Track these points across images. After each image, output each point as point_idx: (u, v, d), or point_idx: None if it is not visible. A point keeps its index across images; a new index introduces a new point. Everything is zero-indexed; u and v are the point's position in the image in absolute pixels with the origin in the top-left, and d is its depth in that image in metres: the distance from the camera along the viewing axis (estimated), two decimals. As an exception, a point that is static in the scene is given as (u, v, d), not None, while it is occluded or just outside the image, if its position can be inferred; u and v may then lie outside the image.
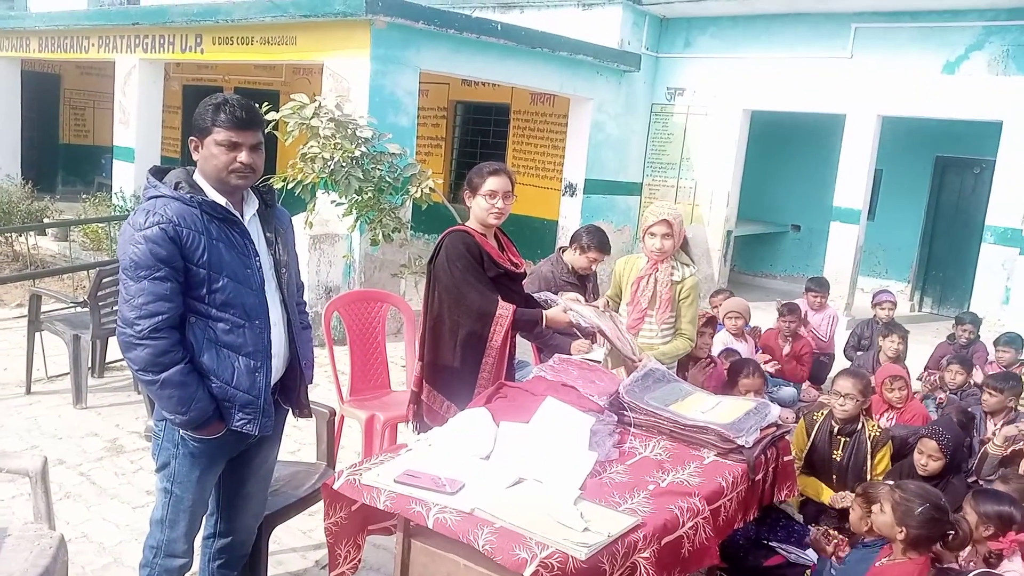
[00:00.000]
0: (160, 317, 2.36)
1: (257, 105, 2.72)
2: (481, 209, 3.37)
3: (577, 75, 9.43)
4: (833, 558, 3.27)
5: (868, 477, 3.92)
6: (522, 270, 3.58)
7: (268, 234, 2.61)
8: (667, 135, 10.62)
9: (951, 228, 10.67)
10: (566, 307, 3.49)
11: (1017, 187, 8.13)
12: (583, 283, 5.08)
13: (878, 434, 4.05)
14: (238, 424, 2.53)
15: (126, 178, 10.18)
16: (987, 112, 8.39)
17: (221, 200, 2.47)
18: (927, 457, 3.81)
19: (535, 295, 3.70)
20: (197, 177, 2.50)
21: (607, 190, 10.31)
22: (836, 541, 3.33)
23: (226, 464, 2.69)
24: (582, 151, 9.95)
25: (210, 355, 2.47)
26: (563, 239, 9.16)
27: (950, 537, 2.82)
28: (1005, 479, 3.50)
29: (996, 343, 6.17)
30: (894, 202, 10.91)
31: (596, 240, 4.92)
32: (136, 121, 9.98)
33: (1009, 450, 4.41)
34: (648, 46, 10.29)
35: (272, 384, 2.62)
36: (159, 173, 2.51)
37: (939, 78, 8.60)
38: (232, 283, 2.45)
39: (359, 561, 2.70)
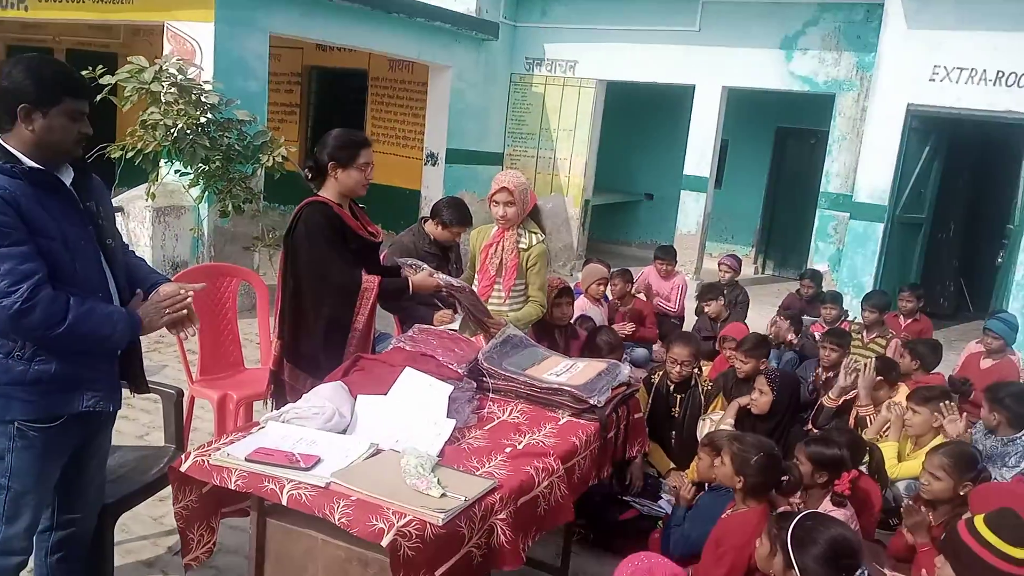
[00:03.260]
0: (36, 276, 2.17)
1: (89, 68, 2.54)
2: (354, 182, 3.30)
3: (435, 42, 9.32)
4: (683, 502, 3.46)
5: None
6: (379, 239, 3.54)
7: (88, 203, 2.43)
8: (527, 105, 10.72)
9: (791, 195, 11.38)
10: (432, 271, 3.49)
11: (848, 156, 8.75)
12: (445, 254, 5.06)
13: (710, 387, 4.30)
14: (89, 404, 2.38)
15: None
16: (821, 85, 8.96)
17: (71, 159, 2.35)
18: (758, 392, 4.08)
19: (400, 260, 3.66)
20: (7, 144, 2.28)
21: (469, 160, 10.30)
22: (690, 486, 3.51)
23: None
24: (443, 120, 9.89)
25: None
26: (425, 209, 9.10)
27: (784, 483, 3.03)
28: (840, 430, 3.76)
29: (821, 301, 6.67)
30: (740, 171, 11.51)
31: (457, 216, 4.90)
32: (-50, 84, 9.06)
33: (841, 400, 4.78)
34: (506, 15, 10.31)
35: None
36: None
37: (778, 52, 9.10)
38: (74, 255, 2.30)
39: (213, 544, 2.60)
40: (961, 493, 3.18)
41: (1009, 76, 7.38)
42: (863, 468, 3.69)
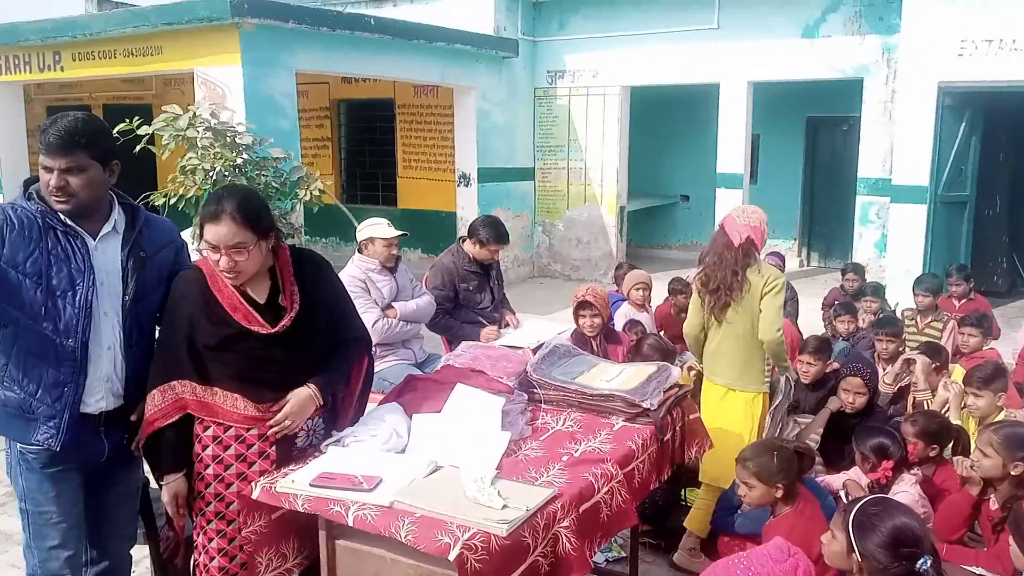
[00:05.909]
0: None
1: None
2: (212, 262, 2.50)
3: (457, 64, 9.43)
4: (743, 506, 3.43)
5: None
6: (279, 328, 2.51)
7: (124, 257, 2.51)
8: (552, 118, 10.75)
9: (828, 184, 11.23)
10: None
11: (883, 139, 8.62)
12: (486, 271, 5.10)
13: None
14: (41, 437, 2.46)
15: (-7, 210, 9.57)
16: (847, 71, 8.85)
17: (60, 213, 2.43)
18: (853, 394, 4.03)
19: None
20: None
21: (501, 177, 10.37)
22: None
23: (87, 485, 2.61)
24: (471, 140, 9.97)
25: (16, 363, 2.42)
26: (463, 230, 9.17)
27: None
28: (913, 423, 3.67)
29: (863, 293, 6.51)
30: (774, 164, 11.39)
31: (494, 234, 4.94)
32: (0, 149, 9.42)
33: (897, 387, 4.71)
34: (524, 31, 10.39)
35: (103, 411, 2.53)
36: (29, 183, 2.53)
37: (801, 41, 9.01)
38: (52, 296, 2.39)
39: (287, 571, 2.64)
40: (1013, 472, 3.10)
41: (1040, 43, 7.22)
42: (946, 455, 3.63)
